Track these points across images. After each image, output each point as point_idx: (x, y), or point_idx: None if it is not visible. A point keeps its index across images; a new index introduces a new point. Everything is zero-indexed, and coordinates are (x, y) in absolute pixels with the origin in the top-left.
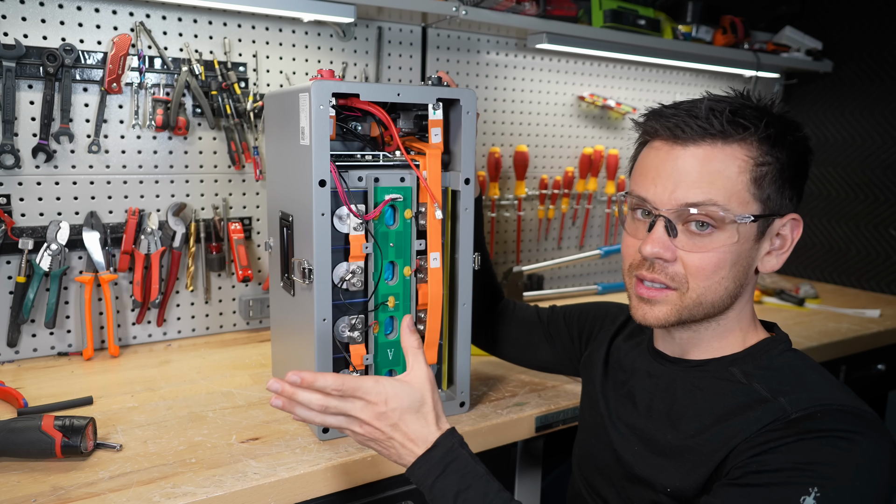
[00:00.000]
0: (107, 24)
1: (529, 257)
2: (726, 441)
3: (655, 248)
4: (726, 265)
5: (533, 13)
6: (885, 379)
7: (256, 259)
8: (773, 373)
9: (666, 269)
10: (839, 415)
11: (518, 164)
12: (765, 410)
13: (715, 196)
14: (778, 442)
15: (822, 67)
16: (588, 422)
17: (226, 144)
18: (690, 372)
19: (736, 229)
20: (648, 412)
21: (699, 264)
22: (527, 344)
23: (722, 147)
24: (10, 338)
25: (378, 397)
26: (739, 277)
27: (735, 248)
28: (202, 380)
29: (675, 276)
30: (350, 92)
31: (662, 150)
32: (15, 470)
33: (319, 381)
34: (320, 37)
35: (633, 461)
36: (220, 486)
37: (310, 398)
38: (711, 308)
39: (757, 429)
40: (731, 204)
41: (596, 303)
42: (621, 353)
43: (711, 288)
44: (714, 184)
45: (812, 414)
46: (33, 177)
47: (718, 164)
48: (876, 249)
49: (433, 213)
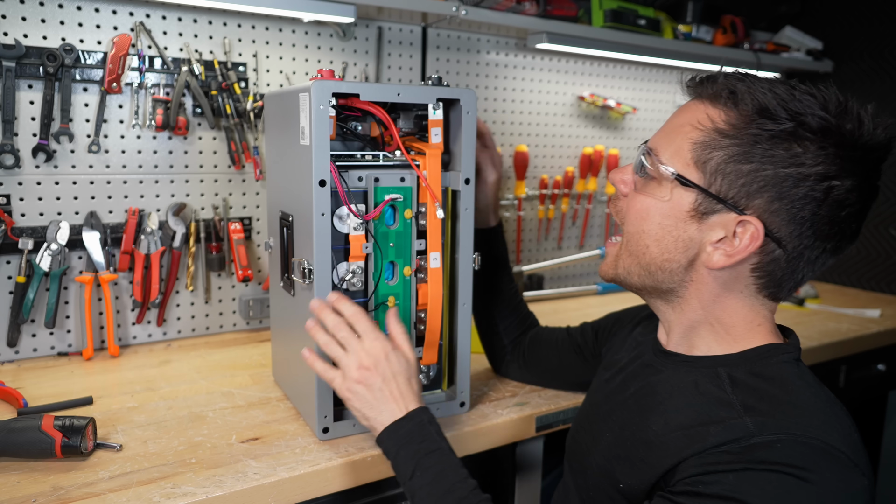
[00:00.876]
0: (107, 24)
1: (529, 257)
2: (679, 450)
3: (616, 175)
4: (651, 220)
5: (533, 13)
6: (885, 379)
7: (256, 259)
8: (760, 383)
9: (616, 203)
10: (801, 448)
11: (518, 164)
12: (727, 427)
13: (660, 146)
14: (726, 466)
15: (822, 67)
16: (583, 408)
17: (226, 144)
18: (679, 366)
19: (670, 188)
20: (629, 402)
21: (630, 203)
22: (559, 364)
23: (705, 106)
24: (10, 338)
25: (382, 349)
26: (669, 249)
27: (663, 206)
28: (202, 380)
29: (619, 211)
30: (350, 92)
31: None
32: (15, 470)
33: (342, 305)
34: (320, 37)
35: (598, 450)
36: (220, 486)
37: (328, 317)
38: (642, 268)
39: (712, 445)
40: (672, 159)
41: (627, 308)
42: (631, 343)
43: (634, 237)
44: (668, 135)
45: (772, 442)
46: (33, 177)
47: (685, 118)
48: (876, 249)
49: (433, 212)
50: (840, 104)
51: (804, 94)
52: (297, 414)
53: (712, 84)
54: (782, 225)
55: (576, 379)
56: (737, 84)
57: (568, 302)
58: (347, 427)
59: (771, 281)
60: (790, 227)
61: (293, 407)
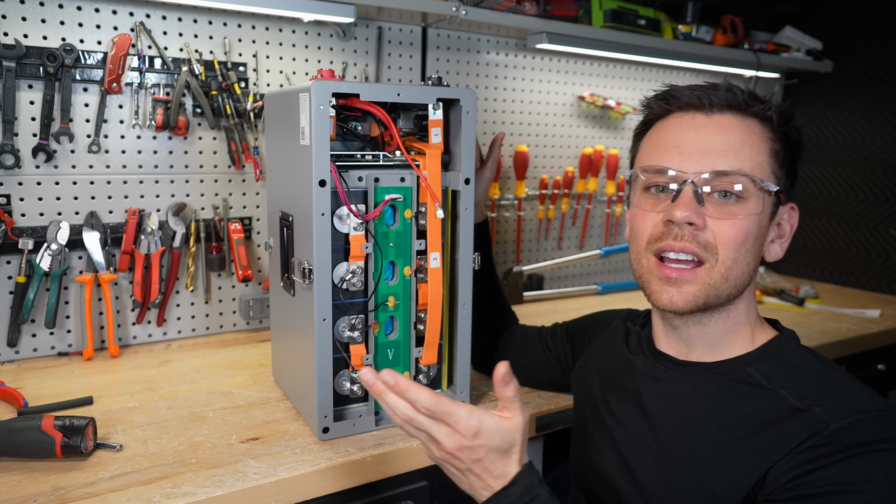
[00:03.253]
0: (107, 24)
1: (529, 257)
2: (763, 457)
3: (686, 211)
4: (752, 236)
5: (533, 13)
6: (885, 379)
7: (256, 259)
8: (793, 372)
9: (697, 237)
10: (879, 422)
11: (518, 164)
12: (801, 422)
13: (742, 165)
14: (825, 460)
15: (822, 67)
16: (586, 433)
17: (226, 144)
18: (704, 375)
19: (761, 199)
20: (659, 421)
21: (729, 232)
22: (528, 362)
23: (742, 118)
24: (10, 338)
25: (468, 430)
26: (756, 257)
27: (759, 218)
28: (202, 380)
29: (706, 245)
30: (350, 92)
31: (684, 120)
32: (15, 470)
33: (412, 393)
34: (320, 37)
35: (646, 477)
36: (220, 486)
37: (396, 404)
38: (734, 288)
39: (796, 444)
40: (756, 173)
41: (596, 312)
42: (620, 358)
43: (738, 261)
44: (741, 153)
45: (853, 424)
46: (33, 177)
47: (742, 133)
48: (876, 249)
49: (433, 212)
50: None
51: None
52: (297, 414)
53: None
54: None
55: (544, 378)
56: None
57: (568, 302)
58: (347, 427)
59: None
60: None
61: (293, 407)
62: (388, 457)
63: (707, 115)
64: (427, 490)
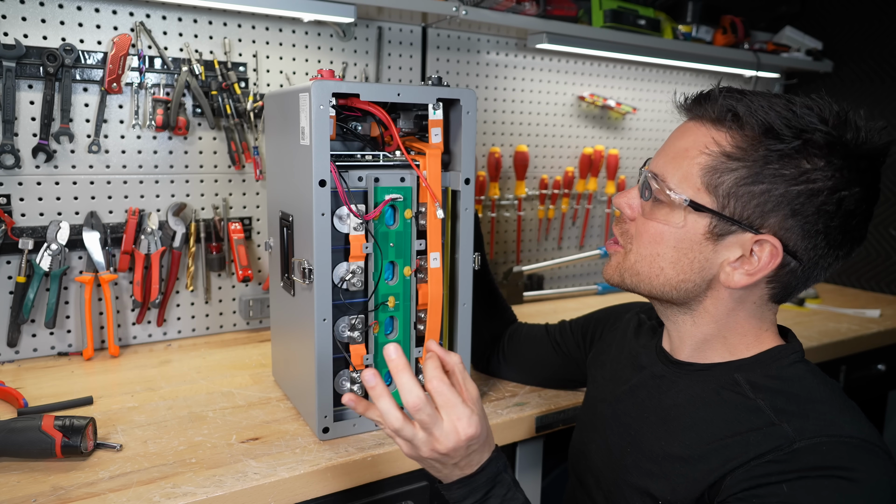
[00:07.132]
0: (107, 24)
1: (529, 257)
2: (723, 462)
3: (621, 199)
4: (665, 244)
5: (533, 13)
6: (885, 379)
7: (256, 259)
8: (781, 385)
9: (622, 225)
10: (844, 449)
11: (518, 164)
12: (767, 436)
13: (667, 171)
14: (777, 476)
15: (822, 67)
16: (585, 421)
17: (226, 144)
18: (694, 376)
19: (683, 214)
20: (646, 415)
21: (641, 229)
22: (536, 360)
23: (707, 128)
24: (10, 338)
25: (446, 443)
26: (685, 270)
27: (678, 232)
28: (202, 380)
29: (624, 233)
30: (350, 92)
31: (680, 124)
32: (15, 470)
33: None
34: (320, 37)
35: (625, 465)
36: (220, 486)
37: (389, 411)
38: (650, 285)
39: (755, 454)
40: (681, 185)
41: (605, 308)
42: (627, 350)
43: (646, 259)
44: (674, 160)
45: (816, 446)
46: (33, 177)
47: (689, 141)
48: (876, 249)
49: (433, 212)
50: (837, 115)
51: (803, 109)
52: (297, 414)
53: (712, 105)
54: (798, 239)
55: (553, 376)
56: (737, 105)
57: (568, 302)
58: (347, 427)
59: (784, 290)
60: (805, 241)
61: (293, 407)
62: (388, 457)
63: (689, 121)
64: (427, 490)
